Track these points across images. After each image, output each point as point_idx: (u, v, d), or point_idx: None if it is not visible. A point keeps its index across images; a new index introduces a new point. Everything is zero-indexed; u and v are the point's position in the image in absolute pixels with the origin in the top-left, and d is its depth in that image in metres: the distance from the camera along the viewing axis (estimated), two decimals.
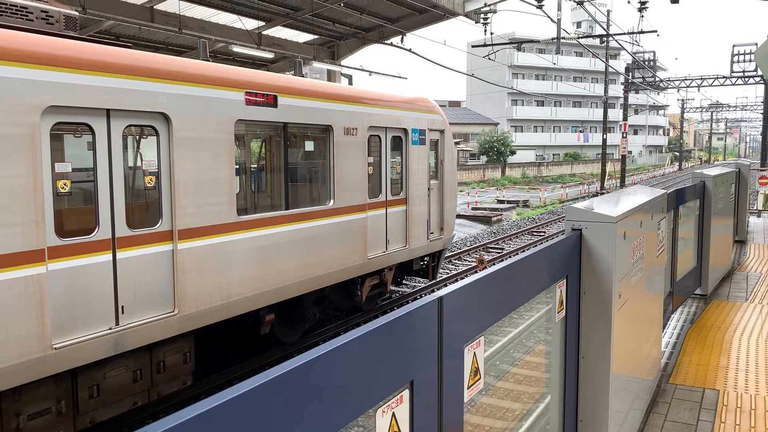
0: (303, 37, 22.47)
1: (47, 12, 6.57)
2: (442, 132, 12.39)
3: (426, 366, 1.97)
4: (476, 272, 2.58)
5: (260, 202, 8.54)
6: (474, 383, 2.27)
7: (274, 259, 8.15)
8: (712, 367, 5.92)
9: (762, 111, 35.48)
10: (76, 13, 7.01)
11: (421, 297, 12.69)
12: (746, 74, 39.82)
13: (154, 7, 17.05)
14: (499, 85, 40.27)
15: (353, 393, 1.64)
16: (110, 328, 6.16)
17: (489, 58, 25.39)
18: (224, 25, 19.32)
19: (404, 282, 13.31)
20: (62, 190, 5.94)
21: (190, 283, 6.92)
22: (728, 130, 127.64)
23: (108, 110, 6.14)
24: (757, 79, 39.94)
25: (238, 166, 7.75)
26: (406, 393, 1.84)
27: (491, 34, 22.09)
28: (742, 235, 13.23)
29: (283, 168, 8.51)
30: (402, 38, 22.21)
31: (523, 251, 11.78)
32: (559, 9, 24.29)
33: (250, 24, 19.62)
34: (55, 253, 5.70)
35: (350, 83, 11.14)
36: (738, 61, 38.84)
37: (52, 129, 5.74)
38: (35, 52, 5.55)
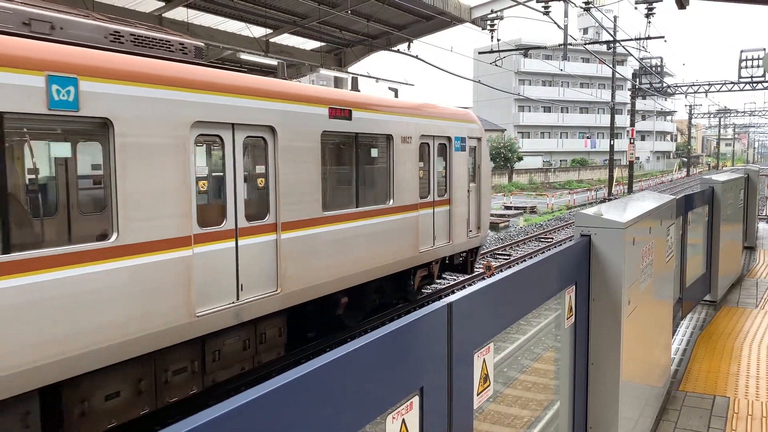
0: (310, 44, 22.56)
1: (183, 44, 7.87)
2: (479, 139, 13.66)
3: (435, 372, 1.97)
4: (484, 278, 2.58)
5: (337, 201, 9.67)
6: (483, 390, 2.26)
7: (348, 250, 9.60)
8: (722, 374, 5.88)
9: None
10: (203, 44, 8.42)
11: (429, 303, 12.67)
12: (754, 80, 39.70)
13: (163, 15, 17.17)
14: (505, 92, 40.28)
15: (364, 399, 1.64)
16: (233, 302, 7.55)
17: (496, 65, 25.40)
18: (232, 32, 19.43)
19: (443, 276, 14.39)
20: (201, 190, 7.65)
21: (289, 267, 8.33)
22: (736, 136, 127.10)
23: (233, 124, 7.53)
24: (765, 84, 39.80)
25: (322, 170, 9.03)
26: (416, 399, 1.84)
27: (498, 40, 22.11)
28: (752, 242, 13.16)
29: (354, 171, 9.93)
30: (409, 45, 22.25)
31: (531, 257, 11.72)
32: (566, 15, 24.29)
33: (257, 32, 19.72)
34: (198, 240, 7.10)
35: (396, 96, 12.03)
36: (746, 67, 38.74)
37: (195, 140, 7.09)
38: (187, 78, 6.93)
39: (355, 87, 10.73)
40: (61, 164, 6.29)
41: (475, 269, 14.44)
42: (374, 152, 10.48)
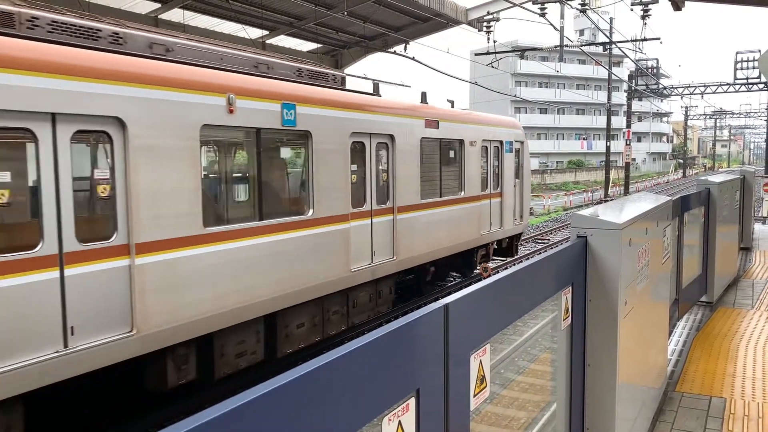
0: (307, 45, 22.56)
1: (335, 76, 10.39)
2: (521, 143, 16.29)
3: (432, 374, 1.96)
4: (481, 280, 2.57)
5: (428, 192, 12.00)
6: (480, 391, 2.26)
7: (435, 231, 12.18)
8: (718, 375, 5.88)
9: (766, 118, 35.37)
10: (344, 74, 10.69)
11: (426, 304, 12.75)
12: (750, 81, 39.83)
13: (159, 16, 17.15)
14: (502, 93, 40.32)
15: (360, 401, 1.63)
16: (369, 264, 10.36)
17: (492, 66, 25.43)
18: (228, 34, 19.42)
19: (493, 258, 16.57)
20: (353, 181, 10.02)
21: (401, 241, 11.03)
22: (732, 137, 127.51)
23: (371, 134, 10.33)
24: (761, 85, 39.94)
25: (420, 167, 11.61)
26: (412, 401, 1.83)
27: (494, 42, 22.16)
28: (748, 242, 13.19)
29: (438, 168, 12.43)
30: (405, 47, 22.28)
31: (528, 259, 11.77)
32: (562, 17, 24.33)
33: (254, 33, 19.71)
34: (352, 217, 9.85)
35: (452, 107, 14.27)
36: (741, 68, 38.88)
37: (350, 146, 9.85)
38: (346, 101, 9.69)
39: (376, 92, 12.00)
40: (287, 162, 9.56)
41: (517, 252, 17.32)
42: (451, 153, 13.06)
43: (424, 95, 13.50)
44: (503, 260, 18.10)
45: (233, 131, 7.89)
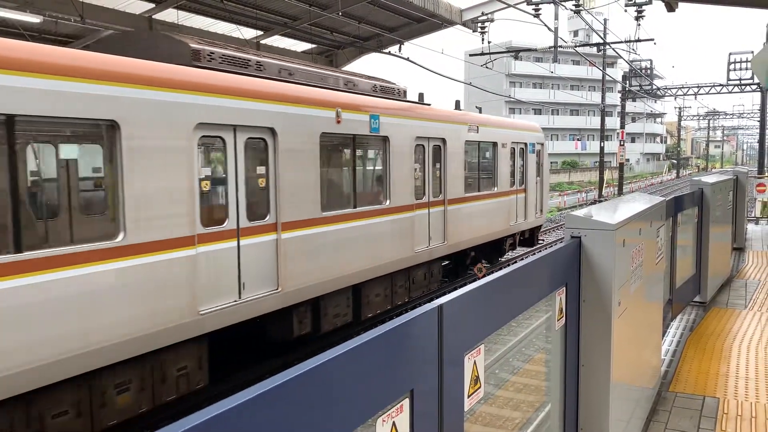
0: (301, 46, 22.53)
1: (399, 90, 12.60)
2: (542, 144, 18.32)
3: (426, 374, 1.96)
4: (475, 280, 2.58)
5: (470, 186, 14.04)
6: (474, 392, 2.26)
7: (474, 220, 14.15)
8: (712, 375, 5.90)
9: (759, 119, 35.54)
10: (405, 88, 12.91)
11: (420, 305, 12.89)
12: (743, 82, 39.98)
13: (153, 17, 17.09)
14: (496, 94, 40.36)
15: (353, 402, 1.63)
16: (427, 246, 12.33)
17: (486, 67, 25.45)
18: (222, 34, 19.38)
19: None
20: (415, 177, 11.94)
21: (450, 228, 12.95)
22: (725, 138, 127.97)
23: (428, 138, 12.31)
24: (754, 86, 40.09)
25: (464, 165, 13.55)
26: (406, 402, 1.83)
27: (488, 43, 22.17)
28: (741, 243, 13.24)
29: (478, 166, 14.61)
30: (400, 47, 22.27)
31: (522, 259, 11.80)
32: (556, 18, 24.38)
33: (248, 33, 19.67)
34: (416, 207, 11.83)
35: (457, 107, 15.87)
36: (734, 69, 39.01)
37: (414, 148, 11.78)
38: (415, 110, 12.15)
39: (421, 100, 13.84)
40: (372, 162, 11.34)
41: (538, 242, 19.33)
42: (487, 154, 15.16)
43: (457, 103, 15.79)
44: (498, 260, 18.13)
45: (339, 137, 9.98)
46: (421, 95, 14.03)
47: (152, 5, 16.64)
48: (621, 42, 27.33)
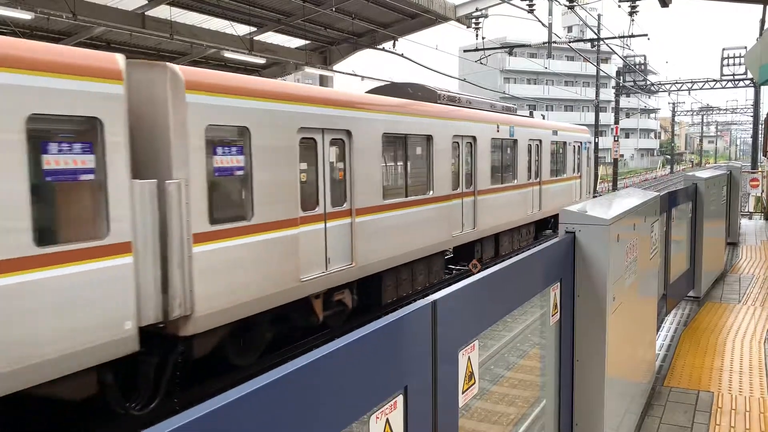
0: (295, 42, 22.47)
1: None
2: (590, 143, 23.62)
3: (420, 371, 1.95)
4: (470, 276, 2.57)
5: (556, 171, 19.30)
6: (468, 388, 2.25)
7: (562, 193, 19.79)
8: (706, 370, 5.92)
9: (752, 114, 35.63)
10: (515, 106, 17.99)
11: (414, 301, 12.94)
12: (736, 77, 40.09)
13: (146, 13, 17.00)
14: (491, 90, 40.33)
15: (347, 399, 1.62)
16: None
17: (481, 63, 25.43)
18: (216, 31, 19.30)
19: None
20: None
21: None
22: (719, 133, 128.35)
23: (531, 140, 17.20)
24: (747, 82, 40.19)
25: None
26: (400, 398, 1.82)
27: (483, 38, 22.14)
28: (734, 238, 13.28)
29: (564, 158, 20.08)
30: (394, 43, 22.22)
31: (516, 254, 11.86)
32: (550, 13, 24.37)
33: (241, 30, 19.60)
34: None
35: (531, 115, 20.85)
36: (728, 65, 39.10)
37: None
38: (518, 121, 17.02)
39: (531, 114, 19.06)
40: (511, 156, 16.22)
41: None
42: (561, 150, 20.10)
43: (531, 113, 21.28)
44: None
45: (499, 141, 15.26)
46: (531, 112, 21.45)
47: (145, 2, 16.56)
48: (615, 38, 27.37)
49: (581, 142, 22.32)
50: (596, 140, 41.16)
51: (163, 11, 17.13)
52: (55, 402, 6.22)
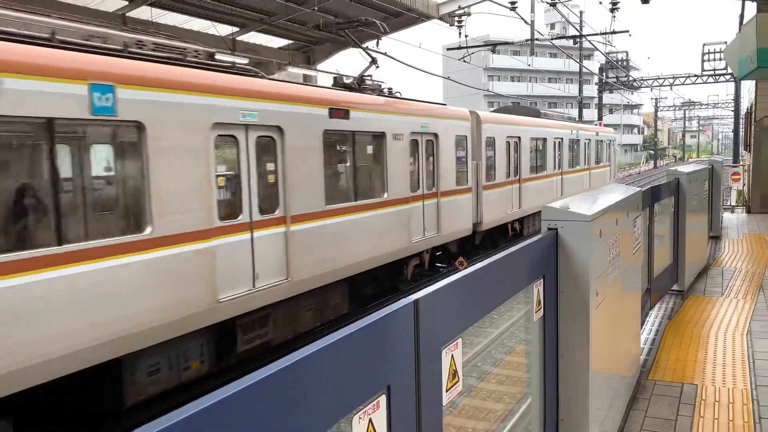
0: (278, 42, 22.38)
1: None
2: (614, 139, 29.25)
3: (403, 370, 1.95)
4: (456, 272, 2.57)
5: (590, 162, 25.26)
6: (453, 386, 2.25)
7: (595, 179, 25.71)
8: (690, 362, 5.98)
9: (733, 108, 35.95)
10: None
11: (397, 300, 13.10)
12: (717, 72, 40.53)
13: (127, 14, 16.86)
14: (475, 88, 40.45)
15: (328, 400, 1.61)
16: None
17: (464, 61, 25.48)
18: (198, 31, 19.17)
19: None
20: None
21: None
22: (701, 128, 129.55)
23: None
24: (728, 77, 40.62)
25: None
26: (383, 398, 1.82)
27: (466, 36, 22.20)
28: (717, 231, 13.41)
29: (596, 152, 26.24)
30: (377, 42, 22.19)
31: (500, 251, 11.93)
32: (533, 11, 24.48)
33: (224, 30, 19.48)
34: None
35: (581, 119, 30.29)
36: (709, 60, 39.55)
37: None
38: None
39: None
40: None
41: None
42: (593, 145, 25.52)
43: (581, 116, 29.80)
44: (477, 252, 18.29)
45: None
46: (575, 118, 28.58)
47: (125, 2, 16.41)
48: (597, 34, 27.55)
49: (610, 140, 28.95)
50: None
51: (144, 12, 16.98)
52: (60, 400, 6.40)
